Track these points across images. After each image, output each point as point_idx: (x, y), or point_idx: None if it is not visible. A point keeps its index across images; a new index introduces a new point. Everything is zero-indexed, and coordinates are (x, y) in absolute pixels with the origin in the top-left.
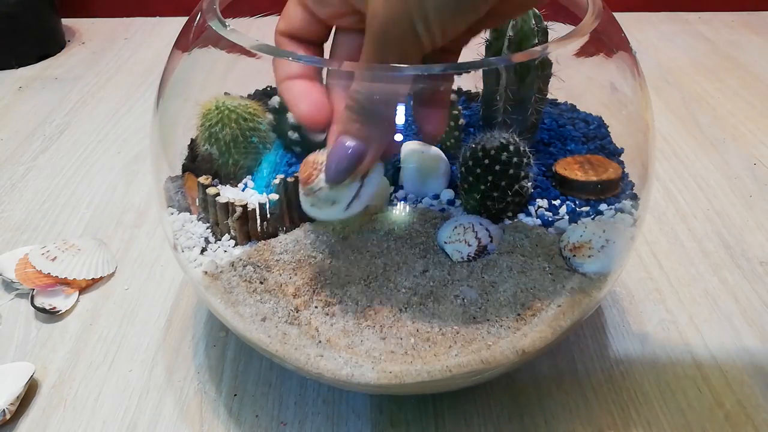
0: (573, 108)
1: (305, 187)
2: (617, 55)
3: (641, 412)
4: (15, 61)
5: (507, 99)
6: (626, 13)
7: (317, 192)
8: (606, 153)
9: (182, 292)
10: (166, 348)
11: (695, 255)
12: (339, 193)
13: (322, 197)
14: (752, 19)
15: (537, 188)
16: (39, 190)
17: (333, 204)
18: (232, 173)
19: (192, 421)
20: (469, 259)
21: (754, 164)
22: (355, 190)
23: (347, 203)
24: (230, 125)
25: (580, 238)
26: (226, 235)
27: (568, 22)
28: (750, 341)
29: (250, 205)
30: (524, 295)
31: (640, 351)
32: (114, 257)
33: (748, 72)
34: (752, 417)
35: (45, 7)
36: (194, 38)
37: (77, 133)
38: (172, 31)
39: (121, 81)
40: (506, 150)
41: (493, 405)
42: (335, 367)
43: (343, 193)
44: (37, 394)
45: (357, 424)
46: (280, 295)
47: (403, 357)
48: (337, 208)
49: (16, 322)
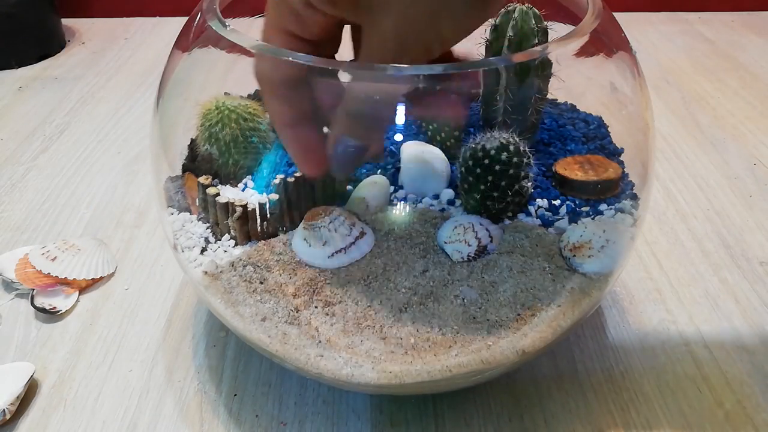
0: (573, 108)
1: (307, 223)
2: (617, 55)
3: (641, 412)
4: (15, 61)
5: (507, 99)
6: (626, 13)
7: (317, 229)
8: (606, 153)
9: (182, 292)
10: (166, 348)
11: (695, 255)
12: (332, 235)
13: (317, 235)
14: (752, 19)
15: (537, 188)
16: (39, 190)
17: (324, 245)
18: (232, 173)
19: (192, 421)
20: (469, 259)
21: (754, 164)
22: (348, 242)
23: (334, 251)
24: (230, 125)
25: (580, 238)
26: (226, 235)
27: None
28: (750, 341)
29: (250, 205)
30: (524, 295)
31: (640, 351)
32: (114, 257)
33: (748, 72)
34: (752, 417)
35: (45, 7)
36: (194, 38)
37: (77, 133)
38: (172, 31)
39: (121, 81)
40: (506, 150)
41: (493, 405)
42: (335, 367)
43: (336, 237)
44: (37, 394)
45: (357, 424)
46: (280, 295)
47: (403, 357)
48: (324, 250)
49: (16, 322)
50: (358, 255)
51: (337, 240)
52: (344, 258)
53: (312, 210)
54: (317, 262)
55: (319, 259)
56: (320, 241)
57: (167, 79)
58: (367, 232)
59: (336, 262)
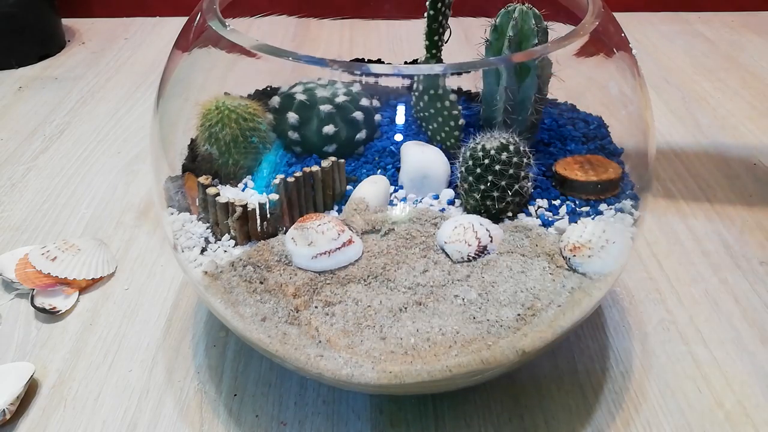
0: (573, 108)
1: (299, 224)
2: (617, 55)
3: (641, 412)
4: (15, 61)
5: (507, 99)
6: (626, 13)
7: (305, 230)
8: (606, 153)
9: (182, 292)
10: (166, 348)
11: (695, 255)
12: (318, 237)
13: (304, 235)
14: (752, 19)
15: (537, 188)
16: (39, 190)
17: (309, 245)
18: (232, 173)
19: (192, 421)
20: (469, 259)
21: (754, 164)
22: (333, 246)
23: (318, 253)
24: (230, 125)
25: (580, 238)
26: (226, 235)
27: (568, 22)
28: (750, 341)
29: (250, 205)
30: (524, 295)
31: (640, 351)
32: (114, 257)
33: (748, 72)
34: (752, 417)
35: (45, 7)
36: (194, 38)
37: (77, 133)
38: (172, 31)
39: (121, 81)
40: (506, 150)
41: (493, 405)
42: (335, 367)
43: (321, 240)
44: (37, 394)
45: (357, 424)
46: (280, 295)
47: (403, 357)
48: (309, 250)
49: (16, 322)
50: (344, 261)
51: (322, 242)
52: (327, 261)
53: (307, 214)
54: (301, 261)
55: (302, 259)
56: (306, 241)
57: (167, 79)
58: (356, 241)
59: (319, 264)
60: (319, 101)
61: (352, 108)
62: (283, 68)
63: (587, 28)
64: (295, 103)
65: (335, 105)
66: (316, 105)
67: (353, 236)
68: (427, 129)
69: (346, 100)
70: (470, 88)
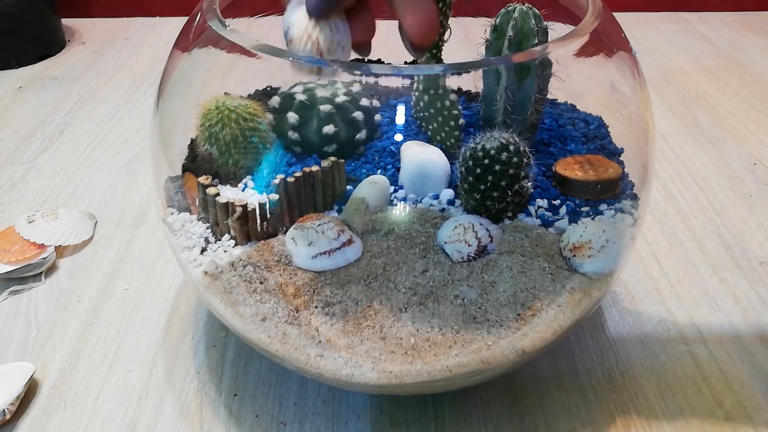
0: (573, 108)
1: (299, 224)
2: (617, 55)
3: (641, 412)
4: (15, 61)
5: (507, 99)
6: (626, 13)
7: (305, 230)
8: (606, 153)
9: (182, 292)
10: (166, 348)
11: (695, 255)
12: (318, 237)
13: (304, 235)
14: (752, 19)
15: (537, 188)
16: (39, 190)
17: (309, 245)
18: (232, 173)
19: (192, 421)
20: (469, 259)
21: (754, 164)
22: (333, 246)
23: (318, 252)
24: (230, 125)
25: (580, 238)
26: (226, 235)
27: (568, 22)
28: (750, 341)
29: (250, 205)
30: (524, 295)
31: (640, 351)
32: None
33: (748, 72)
34: (752, 417)
35: (45, 7)
36: (194, 38)
37: (77, 133)
38: (172, 31)
39: (121, 81)
40: (506, 150)
41: (493, 405)
42: (335, 367)
43: (322, 239)
44: (37, 394)
45: (357, 424)
46: (280, 295)
47: (403, 357)
48: (308, 250)
49: (16, 322)
50: (343, 261)
51: (322, 242)
52: (327, 262)
53: (307, 215)
54: (301, 261)
55: (302, 259)
56: (306, 241)
57: (167, 79)
58: (356, 242)
59: (318, 264)
60: (319, 101)
61: (352, 108)
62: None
63: (587, 28)
64: (295, 103)
65: (335, 105)
66: (316, 105)
67: (353, 236)
68: (427, 129)
69: (346, 100)
70: (470, 88)
